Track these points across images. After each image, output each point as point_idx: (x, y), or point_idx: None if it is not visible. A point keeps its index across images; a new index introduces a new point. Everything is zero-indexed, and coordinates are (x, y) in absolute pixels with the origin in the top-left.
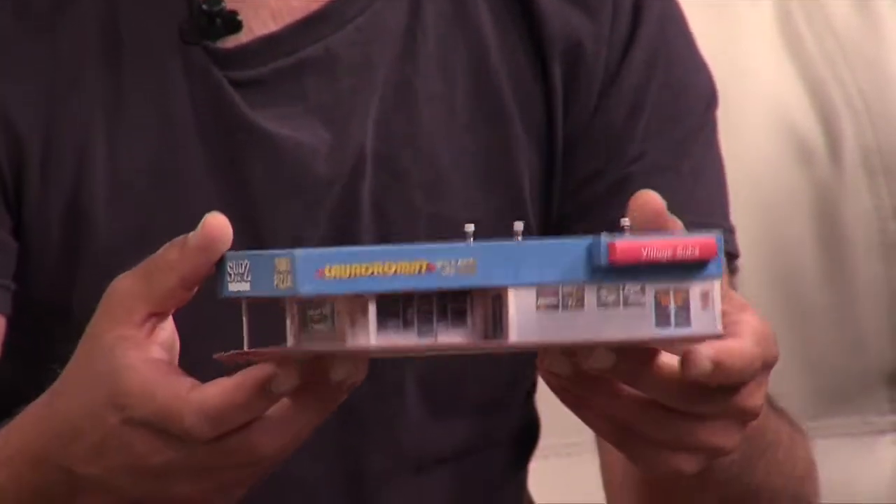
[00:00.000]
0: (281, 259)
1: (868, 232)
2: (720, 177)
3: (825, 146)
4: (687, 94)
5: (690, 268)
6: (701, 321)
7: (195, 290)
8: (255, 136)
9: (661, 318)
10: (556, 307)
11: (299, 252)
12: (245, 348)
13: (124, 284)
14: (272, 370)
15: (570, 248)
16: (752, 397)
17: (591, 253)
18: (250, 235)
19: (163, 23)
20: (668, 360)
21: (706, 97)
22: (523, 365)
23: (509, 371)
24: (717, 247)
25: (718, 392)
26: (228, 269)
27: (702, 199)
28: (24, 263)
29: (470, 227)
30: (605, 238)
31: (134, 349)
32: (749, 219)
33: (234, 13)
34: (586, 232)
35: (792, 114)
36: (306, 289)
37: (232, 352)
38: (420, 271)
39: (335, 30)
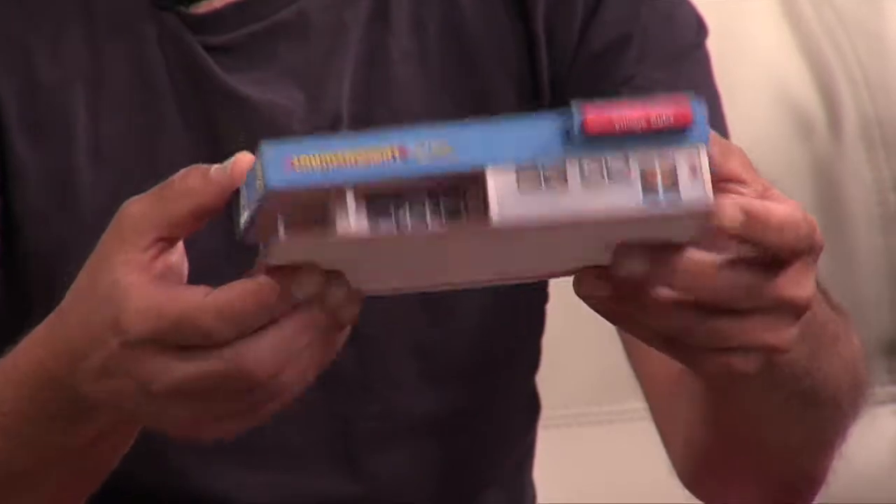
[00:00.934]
0: (256, 161)
1: (867, 204)
2: (717, 99)
3: (825, 119)
4: (675, 21)
5: (672, 136)
6: (690, 192)
7: (206, 221)
8: (230, 100)
9: (649, 190)
10: (538, 185)
11: (266, 144)
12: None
13: (136, 207)
14: (292, 272)
15: (544, 122)
16: (797, 286)
17: (564, 124)
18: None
19: None
20: (700, 254)
21: (694, 26)
22: (514, 330)
23: (499, 336)
24: (694, 112)
25: (759, 278)
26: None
27: None
28: (7, 230)
29: None
30: (576, 107)
31: (137, 272)
32: None
33: None
34: None
35: (791, 86)
36: (276, 181)
37: (269, 244)
38: (394, 157)
39: None
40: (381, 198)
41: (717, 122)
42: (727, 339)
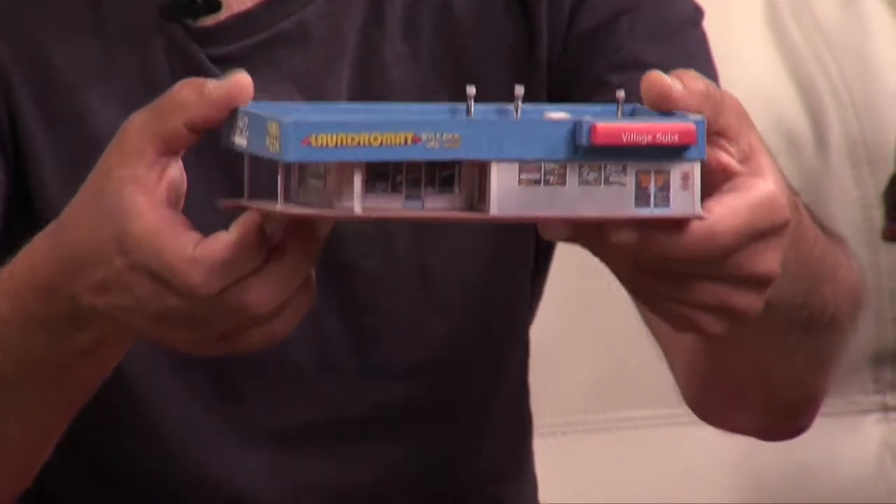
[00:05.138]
0: (272, 123)
1: (853, 220)
2: (714, 75)
3: (812, 137)
4: (667, 1)
5: (672, 151)
6: (680, 202)
7: (200, 134)
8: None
9: (641, 197)
10: (538, 182)
11: (288, 119)
12: (245, 199)
13: (136, 121)
14: (261, 217)
15: (554, 128)
16: (756, 264)
17: (573, 133)
18: (237, 196)
19: (144, 3)
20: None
21: (690, 6)
22: (505, 320)
23: (491, 325)
24: (698, 133)
25: (713, 258)
26: (237, 122)
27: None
28: (26, 214)
29: (471, 90)
30: (587, 120)
31: (143, 194)
32: None
33: None
34: None
35: (780, 105)
36: (291, 156)
37: (234, 200)
38: (406, 143)
39: (307, 3)
40: (381, 175)
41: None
42: (687, 295)
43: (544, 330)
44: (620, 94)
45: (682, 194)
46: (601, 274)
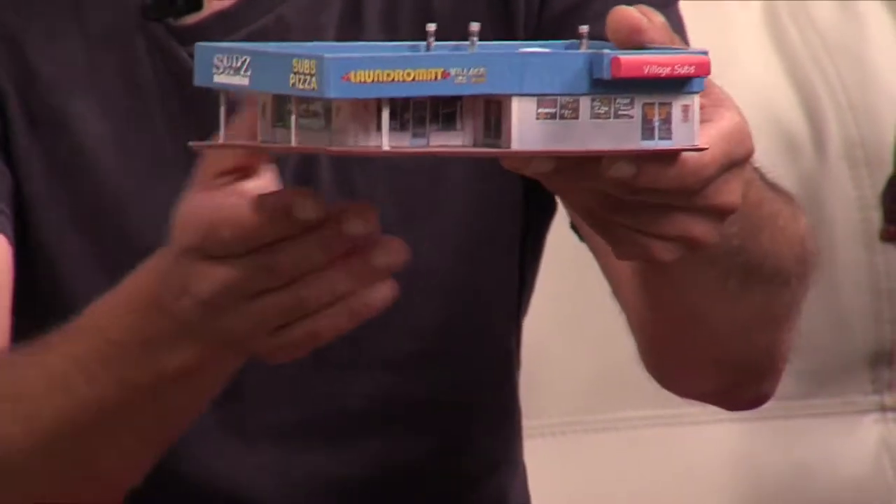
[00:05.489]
0: (302, 61)
1: (851, 221)
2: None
3: (810, 139)
4: None
5: (677, 83)
6: (681, 134)
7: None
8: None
9: (647, 130)
10: (553, 116)
11: (328, 55)
12: (221, 140)
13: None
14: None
15: (575, 61)
16: (726, 193)
17: (593, 67)
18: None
19: (125, 2)
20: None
21: None
22: (496, 316)
23: (479, 321)
24: (709, 64)
25: (671, 193)
26: (216, 62)
27: None
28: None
29: (475, 26)
30: (607, 53)
31: (196, 188)
32: None
33: None
34: None
35: (778, 107)
36: (333, 92)
37: (206, 142)
38: (436, 78)
39: None
40: (402, 111)
41: None
42: (650, 225)
43: (542, 330)
44: (584, 29)
45: (682, 126)
46: (599, 273)
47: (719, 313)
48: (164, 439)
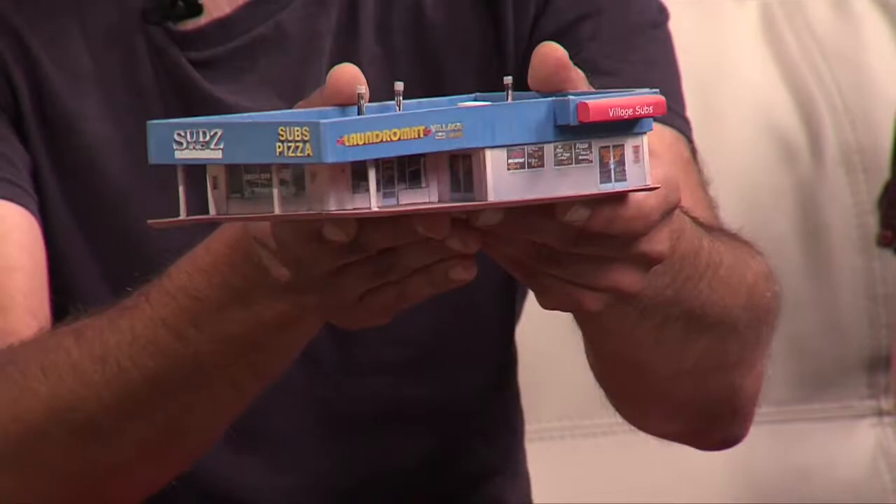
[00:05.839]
0: (292, 128)
1: (848, 226)
2: (675, 75)
3: (807, 145)
4: (631, 3)
5: (628, 125)
6: (634, 175)
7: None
8: (215, 109)
9: (604, 173)
10: (522, 166)
11: (324, 122)
12: (183, 215)
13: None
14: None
15: (539, 109)
16: (652, 243)
17: (557, 113)
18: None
19: (126, 4)
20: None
21: (653, 8)
22: (484, 319)
23: (471, 325)
24: (665, 104)
25: (615, 239)
26: (176, 137)
27: (654, 84)
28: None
29: (399, 86)
30: (572, 99)
31: None
32: (734, 214)
33: None
34: None
35: (775, 114)
36: (330, 156)
37: (168, 220)
38: (419, 136)
39: (283, 7)
40: (360, 174)
41: (675, 98)
42: (581, 276)
43: (539, 335)
44: (508, 80)
45: (634, 167)
46: None
47: (661, 361)
48: (256, 389)
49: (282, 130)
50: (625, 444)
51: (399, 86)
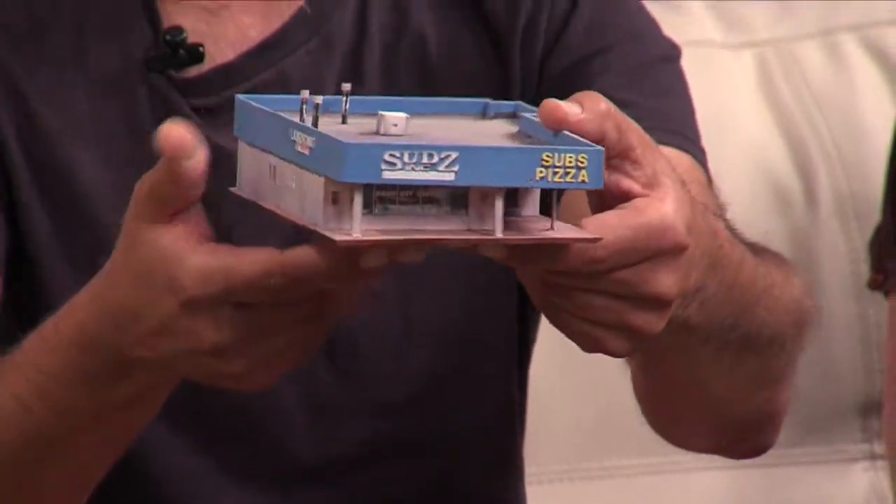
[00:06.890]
0: (564, 156)
1: (842, 274)
2: (689, 107)
3: (802, 193)
4: (641, 39)
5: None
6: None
7: (203, 188)
8: (217, 156)
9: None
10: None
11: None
12: (357, 235)
13: (143, 188)
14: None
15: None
16: (649, 285)
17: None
18: (221, 239)
19: (129, 52)
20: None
21: (664, 44)
22: (489, 355)
23: (475, 359)
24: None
25: (595, 273)
26: (386, 157)
27: (668, 112)
28: (16, 257)
29: (346, 87)
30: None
31: (181, 240)
32: None
33: (197, 45)
34: None
35: (771, 163)
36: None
37: (348, 238)
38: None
39: (287, 54)
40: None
41: (691, 128)
42: (590, 315)
43: (538, 378)
44: (346, 86)
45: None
46: None
47: (714, 382)
48: (113, 456)
49: (546, 157)
50: (622, 488)
51: (346, 86)
